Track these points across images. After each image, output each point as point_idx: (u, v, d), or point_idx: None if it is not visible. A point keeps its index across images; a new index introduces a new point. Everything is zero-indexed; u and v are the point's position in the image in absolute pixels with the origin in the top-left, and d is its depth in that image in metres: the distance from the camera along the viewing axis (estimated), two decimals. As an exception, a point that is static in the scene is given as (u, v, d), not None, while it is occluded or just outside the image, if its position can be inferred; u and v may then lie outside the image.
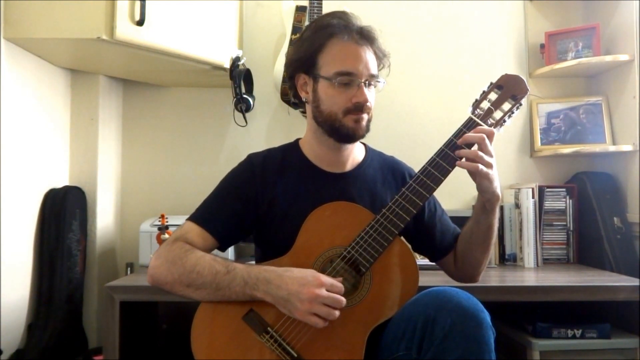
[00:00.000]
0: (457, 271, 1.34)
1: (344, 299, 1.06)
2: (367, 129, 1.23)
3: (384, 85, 1.24)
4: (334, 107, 1.20)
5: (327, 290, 1.05)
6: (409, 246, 1.17)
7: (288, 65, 1.29)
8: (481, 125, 1.16)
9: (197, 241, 1.19)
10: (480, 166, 1.11)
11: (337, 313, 1.05)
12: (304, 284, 1.05)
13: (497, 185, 1.16)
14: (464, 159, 1.13)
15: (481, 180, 1.14)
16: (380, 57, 1.23)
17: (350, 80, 1.18)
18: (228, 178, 1.29)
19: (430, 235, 1.33)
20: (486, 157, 1.12)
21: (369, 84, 1.20)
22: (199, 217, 1.23)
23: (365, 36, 1.20)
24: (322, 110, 1.22)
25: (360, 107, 1.19)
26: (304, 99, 1.28)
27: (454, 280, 1.37)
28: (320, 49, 1.20)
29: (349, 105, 1.19)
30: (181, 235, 1.20)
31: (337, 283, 1.07)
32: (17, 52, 1.71)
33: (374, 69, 1.21)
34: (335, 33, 1.19)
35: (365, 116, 1.21)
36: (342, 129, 1.21)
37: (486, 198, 1.18)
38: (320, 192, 1.24)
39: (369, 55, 1.20)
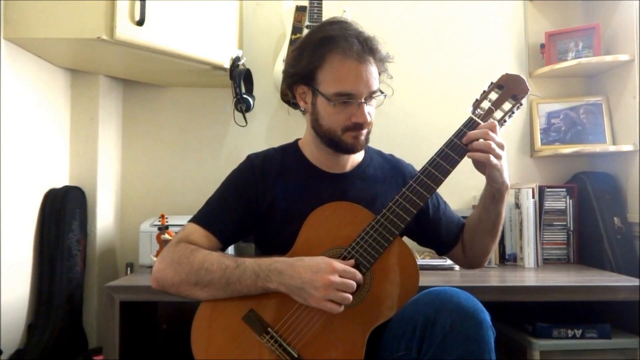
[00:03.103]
0: (465, 258, 1.35)
1: (354, 283, 1.06)
2: (367, 141, 1.24)
3: (385, 98, 1.22)
4: (333, 124, 1.20)
5: (340, 276, 1.05)
6: (409, 246, 1.17)
7: (287, 77, 1.27)
8: (481, 124, 1.16)
9: (200, 242, 1.19)
10: (491, 157, 1.12)
11: (351, 297, 1.05)
12: (317, 271, 1.05)
13: (507, 174, 1.17)
14: (475, 150, 1.13)
15: (492, 171, 1.15)
16: (381, 67, 1.21)
17: (350, 99, 1.17)
18: (229, 179, 1.29)
19: (436, 230, 1.34)
20: (497, 149, 1.12)
21: (370, 98, 1.19)
22: (201, 218, 1.23)
23: (366, 49, 1.16)
24: (321, 124, 1.22)
25: (359, 126, 1.19)
26: (302, 109, 1.28)
27: (462, 266, 1.39)
28: (320, 65, 1.17)
29: (348, 124, 1.18)
30: (184, 237, 1.20)
31: (349, 268, 1.07)
32: (17, 52, 1.71)
33: (374, 85, 1.18)
34: (335, 49, 1.15)
35: (364, 132, 1.21)
36: (341, 144, 1.21)
37: (496, 188, 1.19)
38: (320, 192, 1.24)
39: (370, 71, 1.16)
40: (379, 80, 1.20)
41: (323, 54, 1.17)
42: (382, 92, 1.21)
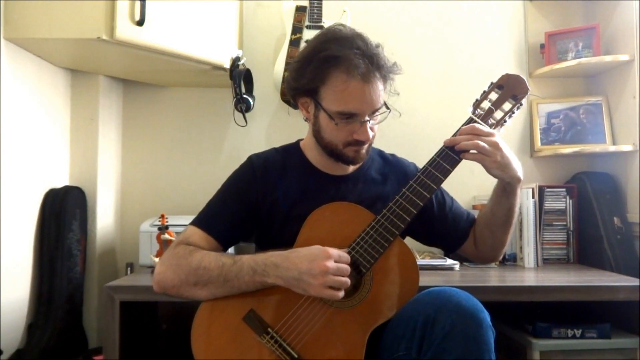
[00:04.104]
0: (478, 253, 1.34)
1: (349, 267, 1.06)
2: (368, 153, 1.25)
3: (389, 113, 1.20)
4: (334, 139, 1.20)
5: (335, 262, 1.05)
6: (409, 246, 1.17)
7: (289, 88, 1.26)
8: (480, 123, 1.16)
9: (200, 244, 1.19)
10: (482, 156, 1.12)
11: (349, 281, 1.06)
12: (312, 260, 1.05)
13: (516, 167, 1.16)
14: (472, 150, 1.13)
15: (489, 170, 1.15)
16: (387, 81, 1.19)
17: (352, 119, 1.16)
18: (230, 181, 1.29)
19: (443, 228, 1.34)
20: (488, 147, 1.12)
21: (373, 114, 1.18)
22: (201, 221, 1.23)
23: (372, 68, 1.13)
24: (322, 136, 1.22)
25: (361, 143, 1.19)
26: (304, 118, 1.28)
27: (476, 261, 1.39)
28: (324, 82, 1.15)
29: (349, 139, 1.18)
30: (184, 239, 1.20)
31: (343, 253, 1.08)
32: (17, 52, 1.70)
33: (378, 103, 1.17)
34: (339, 68, 1.13)
35: (365, 146, 1.21)
36: (342, 156, 1.22)
37: (506, 181, 1.18)
38: (321, 194, 1.24)
39: (374, 90, 1.14)
40: (384, 92, 1.19)
41: (327, 73, 1.15)
42: (387, 107, 1.20)
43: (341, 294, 1.05)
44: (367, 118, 1.16)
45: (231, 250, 1.89)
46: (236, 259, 1.12)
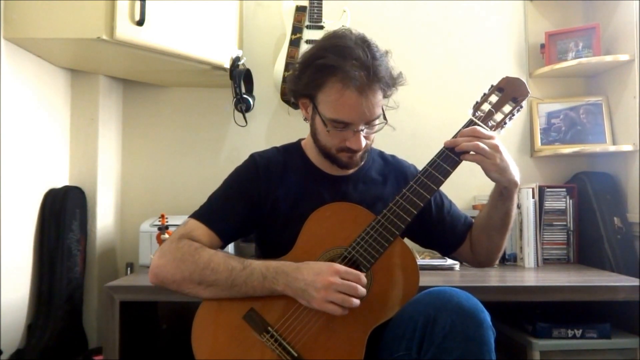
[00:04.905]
0: (475, 257, 1.34)
1: (362, 289, 1.05)
2: (362, 159, 1.25)
3: (385, 124, 1.19)
4: (328, 144, 1.20)
5: (343, 278, 1.04)
6: (410, 246, 1.17)
7: (290, 89, 1.26)
8: (481, 126, 1.16)
9: (203, 240, 1.18)
10: (482, 158, 1.12)
11: (354, 301, 1.04)
12: (318, 273, 1.05)
13: (514, 172, 1.16)
14: (471, 152, 1.13)
15: (488, 172, 1.15)
16: (388, 90, 1.18)
17: (345, 128, 1.16)
18: (232, 177, 1.29)
19: (441, 230, 1.33)
20: (488, 149, 1.11)
21: (369, 125, 1.17)
22: (203, 215, 1.22)
23: (370, 78, 1.11)
24: (318, 139, 1.22)
25: (354, 151, 1.18)
26: (304, 118, 1.28)
27: (472, 265, 1.38)
28: (320, 88, 1.15)
29: (342, 146, 1.18)
30: (186, 233, 1.19)
31: (352, 271, 1.06)
32: (17, 52, 1.70)
33: (375, 114, 1.15)
34: (335, 77, 1.12)
35: (359, 153, 1.20)
36: (336, 160, 1.22)
37: (503, 185, 1.18)
38: (322, 194, 1.24)
39: (370, 101, 1.12)
40: (386, 100, 1.18)
41: (323, 80, 1.14)
42: (385, 118, 1.19)
43: (341, 311, 1.05)
44: (361, 128, 1.16)
45: (231, 249, 1.90)
46: (245, 263, 1.12)
